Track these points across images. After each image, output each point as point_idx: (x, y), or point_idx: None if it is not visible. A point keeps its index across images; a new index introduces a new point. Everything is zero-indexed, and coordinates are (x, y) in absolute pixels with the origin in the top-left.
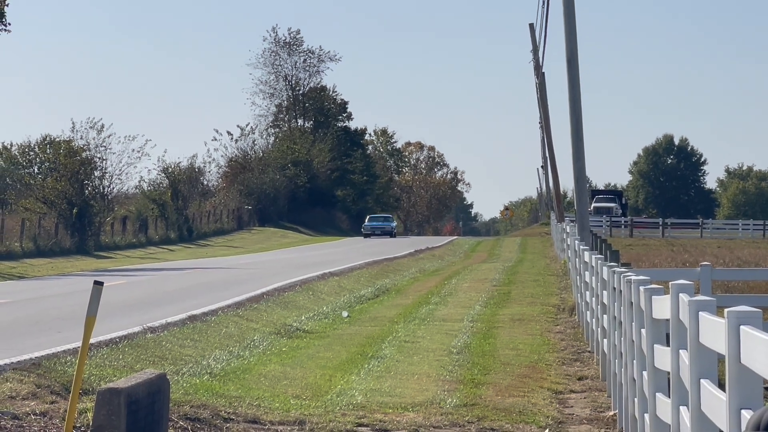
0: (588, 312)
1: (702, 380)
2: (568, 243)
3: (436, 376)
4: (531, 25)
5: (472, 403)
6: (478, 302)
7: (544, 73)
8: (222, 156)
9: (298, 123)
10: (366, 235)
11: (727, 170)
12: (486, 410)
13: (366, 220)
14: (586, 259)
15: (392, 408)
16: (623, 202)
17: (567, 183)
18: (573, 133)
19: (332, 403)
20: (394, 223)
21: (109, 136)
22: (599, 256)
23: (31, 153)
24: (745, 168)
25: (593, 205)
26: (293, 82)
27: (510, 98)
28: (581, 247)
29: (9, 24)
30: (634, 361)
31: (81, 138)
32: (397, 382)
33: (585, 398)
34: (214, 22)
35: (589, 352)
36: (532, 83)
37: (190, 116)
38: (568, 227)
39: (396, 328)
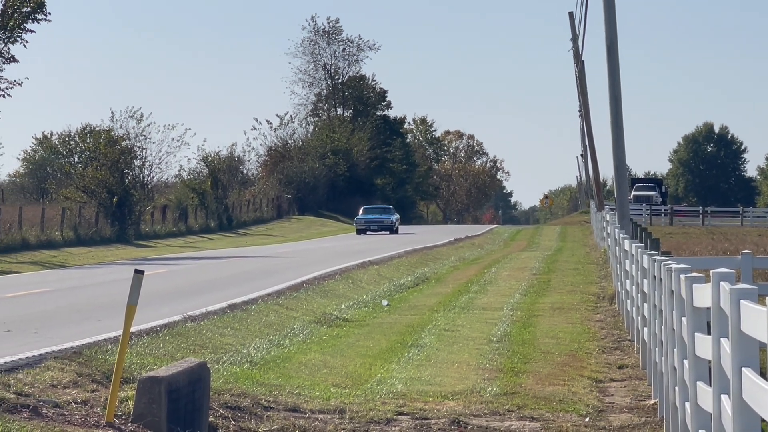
0: (628, 300)
1: (743, 368)
2: (608, 231)
3: (476, 365)
4: (570, 14)
5: (512, 392)
6: (517, 291)
7: (583, 61)
8: (261, 145)
9: (337, 112)
10: (359, 231)
11: None
12: (526, 399)
13: (359, 212)
14: (626, 247)
15: (432, 396)
16: (663, 190)
17: (607, 171)
18: (613, 122)
19: (372, 391)
20: (395, 216)
21: (148, 125)
22: (639, 244)
23: (71, 142)
24: None
25: (633, 193)
26: (332, 71)
27: (549, 86)
28: (621, 235)
29: (49, 14)
30: (675, 350)
31: (121, 127)
32: (437, 371)
33: (625, 387)
34: (253, 11)
35: (630, 340)
36: (572, 71)
37: (229, 105)
38: (607, 216)
39: (436, 316)
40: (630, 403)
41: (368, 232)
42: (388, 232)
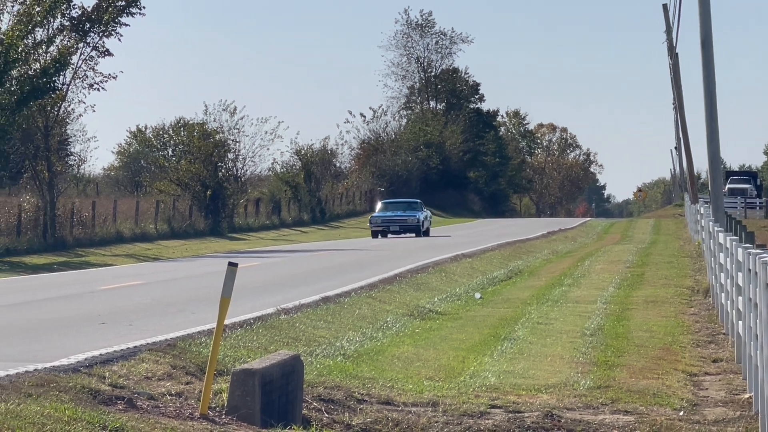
0: (723, 294)
1: None
2: (702, 224)
3: (570, 358)
4: (665, 6)
5: (605, 385)
6: (611, 284)
7: (677, 54)
8: (354, 138)
9: (430, 105)
10: (375, 233)
11: None
12: (620, 392)
13: (377, 209)
14: (721, 240)
15: (525, 390)
16: (758, 183)
17: (701, 164)
18: (707, 114)
19: (465, 384)
20: (424, 213)
21: (241, 119)
22: (734, 237)
23: (165, 136)
24: None
25: (727, 186)
26: (425, 64)
27: (643, 78)
28: (715, 228)
29: (144, 8)
30: None
31: (214, 120)
32: (530, 364)
33: (720, 381)
34: (347, 4)
35: (724, 334)
36: (666, 64)
37: (322, 98)
38: (702, 208)
39: (529, 309)
40: (725, 397)
41: (389, 235)
42: (414, 235)
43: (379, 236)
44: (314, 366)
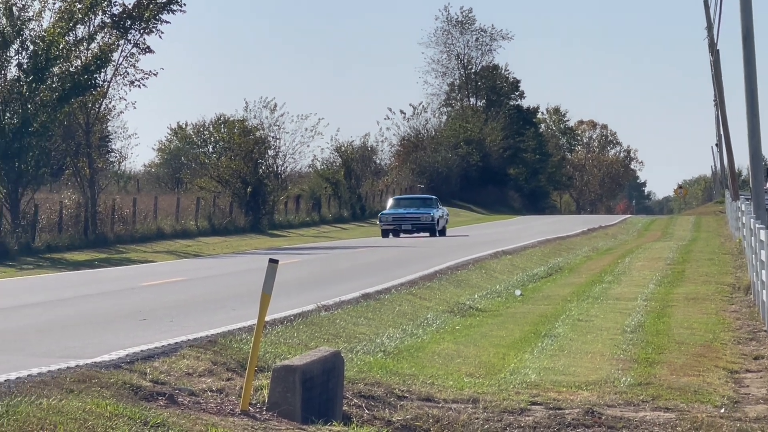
0: (764, 291)
1: None
2: (743, 221)
3: (610, 355)
4: (705, 2)
5: (646, 382)
6: (651, 281)
7: (718, 50)
8: (394, 135)
9: (470, 102)
10: (386, 233)
11: None
12: (660, 389)
13: (387, 205)
14: (762, 237)
15: (566, 387)
16: None
17: (742, 161)
18: (748, 110)
19: (506, 381)
20: (440, 210)
21: (282, 116)
22: None
23: (206, 132)
24: None
25: None
26: (465, 60)
27: (683, 75)
28: (757, 225)
29: (184, 4)
30: None
31: (254, 117)
32: (570, 361)
33: (761, 378)
34: (386, 1)
35: (765, 331)
36: (706, 60)
37: (362, 95)
38: (743, 206)
39: (569, 306)
40: (766, 394)
41: (401, 234)
42: (428, 234)
43: (390, 235)
44: (355, 363)
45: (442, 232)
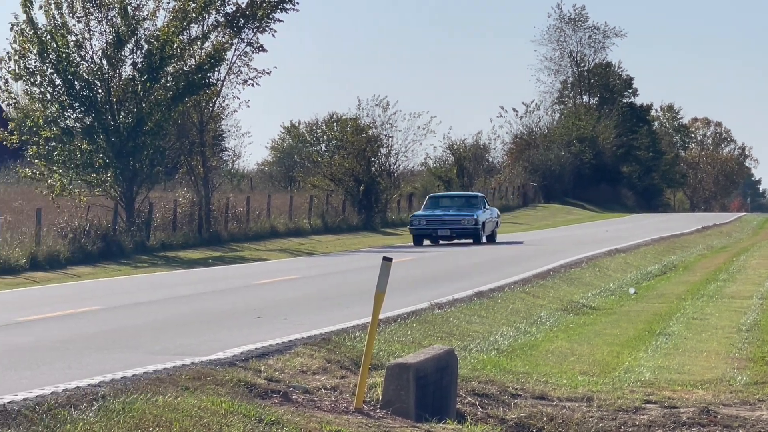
0: None
1: None
2: None
3: (725, 354)
4: None
5: (762, 381)
6: (767, 279)
7: None
8: (507, 133)
9: (582, 99)
10: (417, 239)
11: None
12: None
13: (423, 204)
14: None
15: (681, 385)
16: None
17: None
18: None
19: (620, 379)
20: (485, 212)
21: (394, 114)
22: None
23: (319, 131)
24: None
25: None
26: (578, 58)
27: None
28: None
29: (297, 3)
30: None
31: (367, 115)
32: (685, 360)
33: None
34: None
35: None
36: None
37: (474, 93)
38: None
39: (683, 305)
40: None
41: (440, 241)
42: (471, 241)
43: (424, 242)
44: (468, 361)
45: (491, 238)
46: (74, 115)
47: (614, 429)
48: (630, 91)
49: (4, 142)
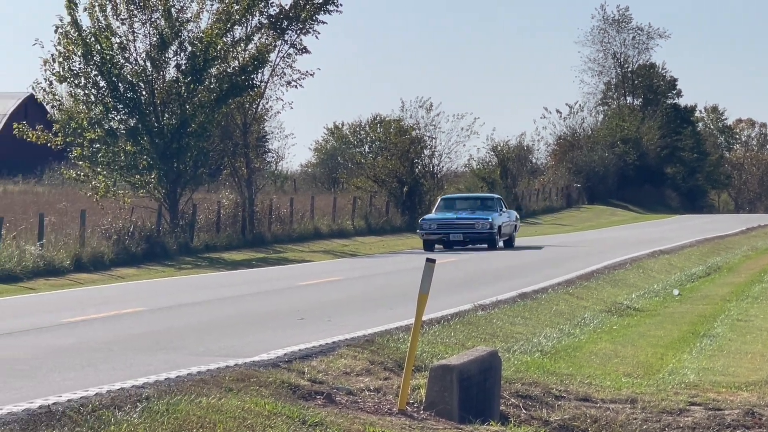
0: None
1: None
2: None
3: None
4: None
5: None
6: None
7: None
8: (551, 134)
9: (626, 101)
10: (428, 244)
11: None
12: None
13: (435, 207)
14: None
15: (725, 387)
16: None
17: None
18: None
19: (664, 381)
20: (502, 215)
21: (437, 115)
22: None
23: (362, 132)
24: None
25: None
26: (622, 59)
27: None
28: None
29: (341, 5)
30: None
31: (410, 117)
32: (729, 361)
33: None
34: (543, 0)
35: None
36: None
37: (518, 94)
38: None
39: (728, 306)
40: None
41: (454, 247)
42: (486, 246)
43: (435, 247)
44: (512, 362)
45: (509, 243)
46: (118, 116)
47: (658, 431)
48: (674, 92)
49: (49, 144)
